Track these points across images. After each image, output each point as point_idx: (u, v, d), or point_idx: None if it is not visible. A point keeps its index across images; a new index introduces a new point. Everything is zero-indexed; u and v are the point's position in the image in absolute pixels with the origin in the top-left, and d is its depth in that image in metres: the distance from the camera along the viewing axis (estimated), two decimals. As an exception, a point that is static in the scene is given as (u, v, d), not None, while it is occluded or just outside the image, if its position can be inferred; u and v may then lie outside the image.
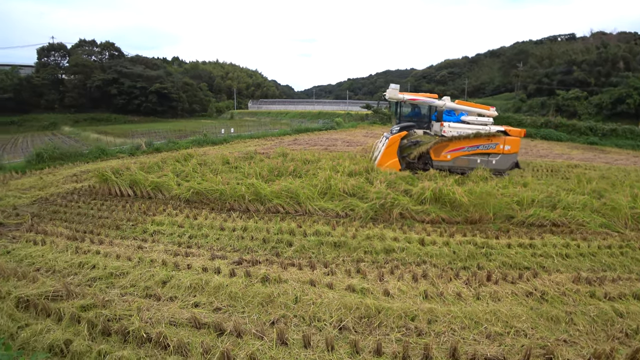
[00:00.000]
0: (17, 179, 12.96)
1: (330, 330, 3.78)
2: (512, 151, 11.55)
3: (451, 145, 11.58)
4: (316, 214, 7.93)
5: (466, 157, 11.67)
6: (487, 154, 11.61)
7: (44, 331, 3.79)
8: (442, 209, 7.75)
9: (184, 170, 11.14)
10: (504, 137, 11.45)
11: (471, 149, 11.54)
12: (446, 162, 11.68)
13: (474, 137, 11.45)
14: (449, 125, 11.86)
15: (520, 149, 20.47)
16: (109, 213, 8.45)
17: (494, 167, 11.47)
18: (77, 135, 35.61)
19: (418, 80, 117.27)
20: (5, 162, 16.76)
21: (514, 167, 12.01)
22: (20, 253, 6.15)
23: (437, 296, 4.44)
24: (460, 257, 5.68)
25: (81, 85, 58.37)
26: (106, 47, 66.81)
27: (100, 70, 60.42)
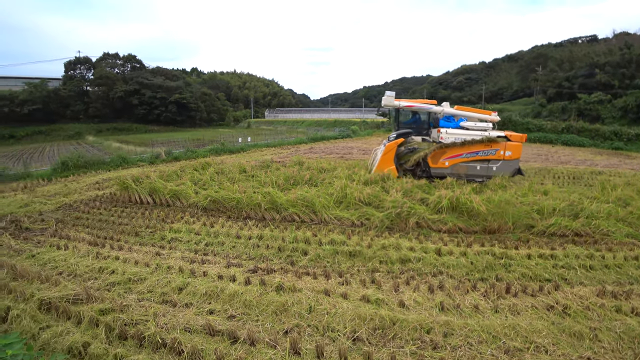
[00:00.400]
0: (43, 186, 13.47)
1: (343, 341, 3.74)
2: (513, 157, 11.21)
3: (449, 152, 11.32)
4: (332, 222, 7.92)
5: (465, 164, 11.38)
6: (487, 161, 11.28)
7: (63, 333, 3.92)
8: (459, 218, 7.61)
9: (202, 178, 11.34)
10: (505, 142, 11.14)
11: (470, 155, 11.22)
12: (444, 169, 11.41)
13: (472, 143, 11.15)
14: (446, 132, 11.58)
15: (540, 156, 20.06)
16: (129, 220, 8.65)
17: (494, 174, 11.18)
18: (100, 144, 36.80)
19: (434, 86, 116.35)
20: (32, 169, 17.49)
21: (516, 174, 11.60)
22: (44, 257, 6.38)
23: (454, 308, 4.35)
24: (478, 268, 5.55)
25: (105, 97, 60.43)
26: (128, 60, 69.10)
27: (122, 81, 62.44)
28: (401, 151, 11.85)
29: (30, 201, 10.94)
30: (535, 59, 77.85)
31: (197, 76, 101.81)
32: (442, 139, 11.51)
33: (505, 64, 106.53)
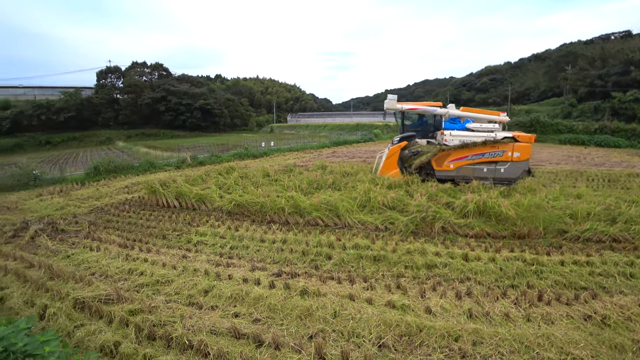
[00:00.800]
0: (77, 190, 14.09)
1: (369, 347, 3.68)
2: (522, 158, 10.75)
3: (453, 154, 11.02)
4: (355, 227, 7.86)
5: (470, 167, 11.02)
6: (495, 162, 10.88)
7: (96, 332, 4.07)
8: (486, 223, 7.37)
9: (226, 182, 11.53)
10: (513, 143, 10.70)
11: (476, 157, 10.87)
12: (449, 172, 11.13)
13: (478, 145, 10.79)
14: (450, 134, 11.26)
15: (571, 158, 19.22)
16: (157, 223, 8.90)
17: (502, 176, 10.81)
18: (129, 149, 38.17)
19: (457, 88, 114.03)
20: (67, 174, 18.35)
21: (525, 176, 11.12)
22: (78, 258, 6.66)
23: (483, 316, 4.20)
24: (508, 274, 5.34)
25: (133, 104, 62.76)
26: (155, 68, 71.55)
27: (150, 89, 64.69)
28: (405, 154, 11.73)
29: (66, 204, 11.46)
30: (564, 58, 74.98)
31: (221, 82, 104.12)
32: (446, 141, 11.24)
33: (532, 63, 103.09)
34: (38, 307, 4.73)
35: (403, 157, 11.72)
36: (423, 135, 12.49)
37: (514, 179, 10.84)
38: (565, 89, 65.87)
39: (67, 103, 56.71)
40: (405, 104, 12.07)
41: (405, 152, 11.73)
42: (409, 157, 11.68)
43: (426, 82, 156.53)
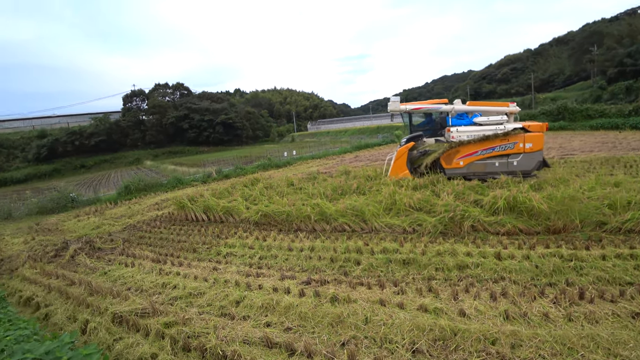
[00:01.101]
0: (111, 209, 14.72)
1: (402, 353, 3.61)
2: (534, 149, 10.38)
3: (462, 151, 10.82)
4: (382, 230, 7.77)
5: (481, 162, 10.79)
6: (506, 155, 10.57)
7: (134, 344, 4.22)
8: (518, 219, 7.10)
9: (252, 194, 11.70)
10: (523, 134, 10.37)
11: (485, 152, 10.61)
12: (459, 169, 10.94)
13: (486, 139, 10.51)
14: (456, 130, 11.10)
15: (605, 144, 18.29)
16: (187, 237, 9.14)
17: (516, 169, 10.45)
18: (157, 167, 39.55)
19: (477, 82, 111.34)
20: (101, 194, 19.21)
21: (541, 167, 10.72)
22: (114, 274, 6.94)
23: (520, 317, 4.03)
24: (545, 272, 5.10)
25: (158, 124, 65.16)
26: (177, 88, 74.16)
27: (173, 108, 67.01)
28: (414, 155, 11.63)
29: (101, 223, 11.99)
30: (588, 39, 71.47)
31: (240, 96, 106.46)
32: (453, 138, 11.05)
33: (554, 48, 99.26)
34: (80, 322, 4.96)
35: (412, 157, 11.63)
36: (432, 134, 12.32)
37: (528, 171, 10.46)
38: (592, 72, 62.92)
39: (98, 128, 59.68)
40: (409, 104, 11.92)
41: (413, 152, 11.64)
42: (417, 157, 11.63)
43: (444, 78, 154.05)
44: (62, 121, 70.34)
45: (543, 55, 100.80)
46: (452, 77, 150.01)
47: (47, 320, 5.44)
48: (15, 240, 11.24)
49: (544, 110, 35.14)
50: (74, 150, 56.78)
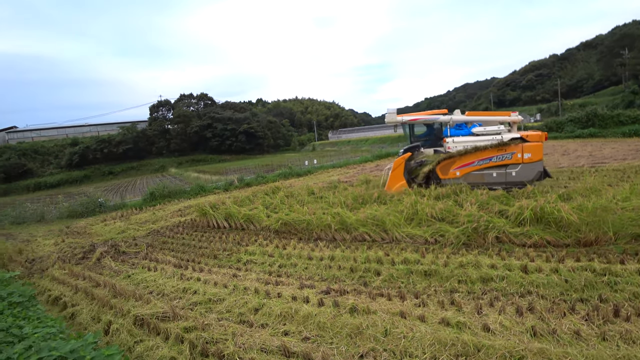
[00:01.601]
0: (136, 214, 15.15)
1: (424, 367, 3.50)
2: (534, 159, 10.19)
3: (458, 161, 10.81)
4: (403, 241, 7.64)
5: (478, 172, 10.71)
6: (505, 166, 10.43)
7: (154, 347, 4.28)
8: (546, 230, 6.82)
9: (273, 202, 11.79)
10: (521, 144, 10.21)
11: (482, 162, 10.54)
12: (456, 180, 10.88)
13: (482, 150, 10.43)
14: (452, 141, 11.13)
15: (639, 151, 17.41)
16: (208, 243, 9.28)
17: (515, 180, 10.30)
18: (181, 175, 40.55)
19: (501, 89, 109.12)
20: (127, 200, 19.83)
21: (541, 177, 10.47)
22: (137, 277, 7.11)
23: (549, 334, 3.83)
24: (575, 286, 4.85)
25: (183, 133, 67.02)
26: (201, 98, 76.22)
27: (197, 118, 68.81)
28: (411, 166, 11.64)
29: (126, 228, 12.36)
30: (619, 42, 68.69)
31: (262, 106, 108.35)
32: (449, 148, 11.07)
33: (582, 53, 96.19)
34: (103, 323, 5.09)
35: (410, 168, 11.65)
36: (431, 144, 12.24)
37: (528, 181, 10.23)
38: (623, 76, 60.41)
39: (125, 136, 62.02)
40: (406, 116, 12.01)
41: (411, 163, 11.66)
42: (414, 167, 11.62)
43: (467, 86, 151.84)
44: (93, 130, 73.59)
45: (570, 61, 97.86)
46: (475, 84, 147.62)
47: (72, 319, 5.61)
48: (46, 242, 11.73)
49: (572, 117, 33.96)
50: (103, 157, 59.13)
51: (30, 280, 7.89)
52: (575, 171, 13.71)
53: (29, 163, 56.11)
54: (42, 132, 71.55)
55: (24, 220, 16.92)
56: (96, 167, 57.48)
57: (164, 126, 69.34)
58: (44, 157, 60.41)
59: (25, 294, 6.03)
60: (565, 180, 12.13)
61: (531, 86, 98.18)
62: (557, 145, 26.03)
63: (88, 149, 58.61)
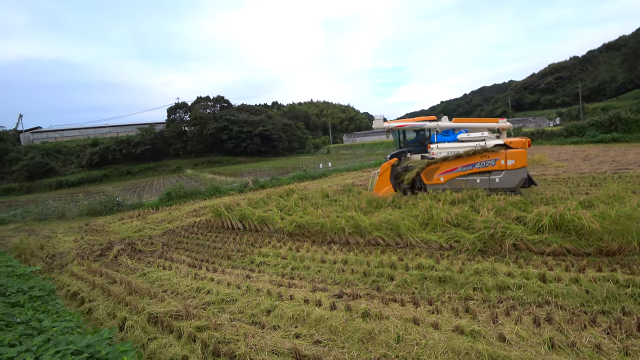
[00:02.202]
0: (152, 214, 15.42)
1: (437, 376, 3.43)
2: (517, 166, 10.23)
3: (442, 167, 11.02)
4: (418, 246, 7.54)
5: (462, 178, 10.85)
6: (488, 172, 10.54)
7: (167, 345, 4.34)
8: (566, 238, 6.62)
9: (287, 204, 11.81)
10: (504, 151, 10.29)
11: (466, 168, 10.71)
12: (440, 185, 11.12)
13: (465, 156, 10.58)
14: (437, 147, 11.50)
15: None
16: (222, 244, 9.36)
17: (498, 186, 10.41)
18: (196, 176, 41.15)
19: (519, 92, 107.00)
20: (144, 200, 20.21)
21: (526, 184, 10.52)
22: (153, 276, 7.22)
23: (568, 347, 3.70)
24: (596, 298, 4.68)
25: (199, 134, 68.13)
26: (217, 101, 77.36)
27: (213, 120, 69.85)
28: (398, 171, 11.91)
29: (143, 227, 12.59)
30: (643, 42, 66.49)
31: (278, 109, 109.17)
32: (434, 154, 11.41)
33: (604, 54, 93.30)
34: (118, 319, 5.20)
35: (396, 173, 11.93)
36: (419, 150, 12.50)
37: (510, 188, 10.34)
38: (648, 78, 58.25)
39: (143, 137, 63.46)
40: (393, 122, 12.35)
41: (397, 168, 11.97)
42: (400, 172, 11.85)
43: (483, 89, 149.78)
44: (113, 131, 75.62)
45: (592, 63, 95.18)
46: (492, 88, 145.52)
47: (89, 314, 5.75)
48: (66, 238, 12.07)
49: (594, 121, 32.99)
50: (122, 157, 60.61)
51: (50, 275, 8.13)
52: (597, 177, 13.29)
53: (51, 162, 57.99)
54: (64, 132, 73.94)
55: (46, 217, 17.45)
56: (115, 166, 58.96)
57: (181, 128, 70.64)
58: (66, 157, 62.36)
59: (45, 289, 6.21)
60: (586, 187, 11.78)
61: (550, 89, 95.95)
62: (578, 150, 25.32)
63: (108, 149, 60.21)
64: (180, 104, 73.90)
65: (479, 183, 10.67)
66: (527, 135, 38.01)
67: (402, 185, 11.68)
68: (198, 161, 63.53)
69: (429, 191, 11.02)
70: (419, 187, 11.51)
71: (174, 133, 68.34)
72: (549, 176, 14.83)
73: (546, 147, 30.62)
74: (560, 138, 34.67)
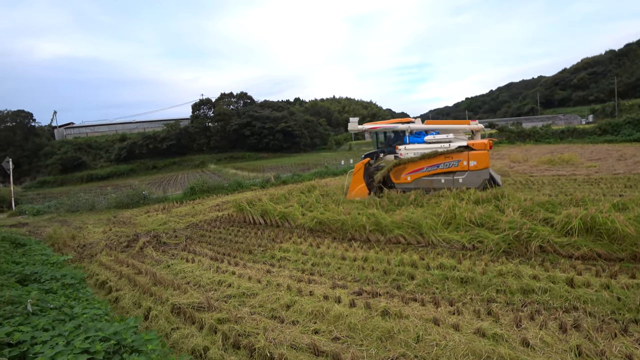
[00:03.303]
0: (176, 208, 15.85)
1: (457, 378, 3.38)
2: (479, 167, 10.86)
3: (409, 167, 11.67)
4: (440, 245, 7.42)
5: (428, 178, 11.49)
6: (452, 172, 11.15)
7: (189, 336, 4.45)
8: (596, 242, 6.34)
9: (308, 201, 11.88)
10: (467, 152, 10.88)
11: (431, 168, 11.36)
12: (407, 184, 11.76)
13: (430, 157, 11.22)
14: (404, 148, 12.11)
15: None
16: (244, 239, 9.52)
17: (462, 186, 10.88)
18: (219, 171, 41.95)
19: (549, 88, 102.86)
20: (169, 194, 20.79)
21: (487, 185, 10.88)
22: (176, 268, 7.43)
23: (596, 355, 3.54)
24: (629, 305, 4.45)
25: (222, 130, 69.29)
26: (241, 97, 78.34)
27: (236, 116, 70.84)
28: (371, 170, 12.55)
29: (167, 220, 12.96)
30: (688, 36, 62.48)
31: (300, 105, 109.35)
32: (401, 155, 12.07)
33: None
34: (143, 309, 5.38)
35: (369, 172, 12.56)
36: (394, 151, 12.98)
37: (475, 187, 10.66)
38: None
39: (169, 133, 65.23)
40: (367, 125, 13.25)
41: (370, 167, 12.63)
42: (373, 172, 12.48)
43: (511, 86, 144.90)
44: (140, 127, 77.99)
45: (629, 57, 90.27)
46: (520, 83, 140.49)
47: (116, 303, 5.98)
48: (96, 230, 12.59)
49: (630, 118, 31.39)
50: (148, 152, 62.54)
51: (80, 264, 8.51)
52: (633, 179, 12.65)
53: (83, 156, 60.59)
54: (95, 128, 76.98)
55: (77, 208, 18.25)
56: (142, 161, 60.96)
57: (204, 124, 72.06)
58: (96, 152, 64.97)
59: (77, 277, 6.52)
60: (620, 188, 11.24)
61: (583, 85, 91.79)
62: (612, 149, 24.13)
63: (135, 144, 62.29)
64: (205, 100, 75.33)
65: (444, 183, 11.24)
66: (557, 133, 36.57)
67: (374, 184, 12.24)
68: (221, 156, 64.72)
69: (398, 191, 11.64)
70: (390, 186, 12.13)
71: (198, 129, 69.83)
72: (579, 176, 14.23)
73: (577, 146, 29.35)
74: (593, 137, 33.20)
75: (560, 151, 24.27)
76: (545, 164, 18.80)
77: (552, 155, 20.55)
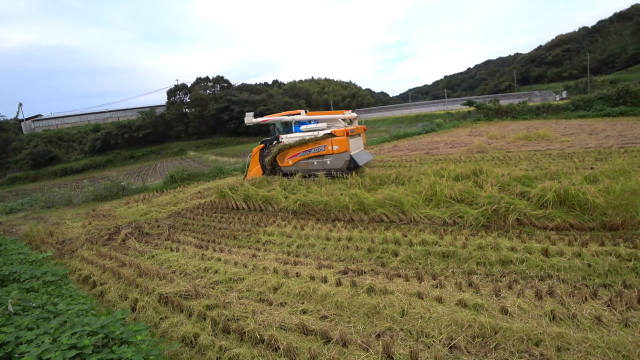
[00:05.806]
0: (157, 197, 15.55)
1: (439, 348, 3.54)
2: (340, 150, 12.40)
3: (290, 152, 13.47)
4: (422, 222, 7.60)
5: (304, 161, 13.18)
6: (322, 156, 12.80)
7: (178, 324, 4.47)
8: (569, 213, 6.64)
9: (290, 184, 11.89)
10: (331, 138, 12.50)
11: (305, 153, 13.06)
12: (290, 167, 13.58)
13: (302, 143, 12.97)
14: (286, 136, 13.94)
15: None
16: (227, 224, 9.48)
17: (330, 167, 12.67)
18: (199, 158, 41.20)
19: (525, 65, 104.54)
20: (148, 183, 20.36)
21: (352, 168, 12.46)
22: (161, 258, 7.35)
23: (568, 319, 3.78)
24: (598, 271, 4.73)
25: (200, 116, 67.73)
26: (217, 81, 76.37)
27: (214, 101, 69.25)
28: (265, 154, 14.39)
29: (148, 210, 12.73)
30: (657, 12, 64.37)
31: (279, 87, 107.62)
32: (283, 142, 13.83)
33: (615, 24, 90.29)
34: (130, 301, 5.34)
35: (264, 156, 14.44)
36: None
37: (339, 168, 12.53)
38: (661, 50, 56.73)
39: (144, 121, 63.26)
40: (259, 118, 14.88)
41: (265, 152, 14.46)
42: (266, 156, 14.25)
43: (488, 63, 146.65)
44: (113, 116, 75.22)
45: (602, 33, 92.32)
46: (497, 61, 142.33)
47: (102, 297, 5.90)
48: (74, 224, 12.25)
49: (602, 94, 32.39)
50: (124, 142, 60.65)
51: (61, 260, 8.30)
52: (603, 152, 13.18)
53: (55, 150, 58.19)
54: (65, 119, 73.65)
55: (53, 204, 17.65)
56: (118, 151, 59.13)
57: (181, 110, 70.24)
58: (69, 144, 62.47)
59: (58, 274, 6.35)
60: (591, 162, 11.70)
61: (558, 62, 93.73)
62: (585, 124, 24.97)
63: (109, 134, 60.19)
64: (180, 86, 73.16)
65: (316, 165, 12.94)
66: (533, 110, 37.53)
67: (266, 167, 14.14)
68: (200, 143, 63.51)
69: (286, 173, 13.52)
70: (278, 168, 13.99)
71: (174, 115, 68.02)
72: (554, 151, 14.71)
73: (552, 122, 30.20)
74: (567, 112, 34.17)
75: (536, 127, 24.93)
76: (522, 139, 19.29)
77: (528, 132, 21.07)
